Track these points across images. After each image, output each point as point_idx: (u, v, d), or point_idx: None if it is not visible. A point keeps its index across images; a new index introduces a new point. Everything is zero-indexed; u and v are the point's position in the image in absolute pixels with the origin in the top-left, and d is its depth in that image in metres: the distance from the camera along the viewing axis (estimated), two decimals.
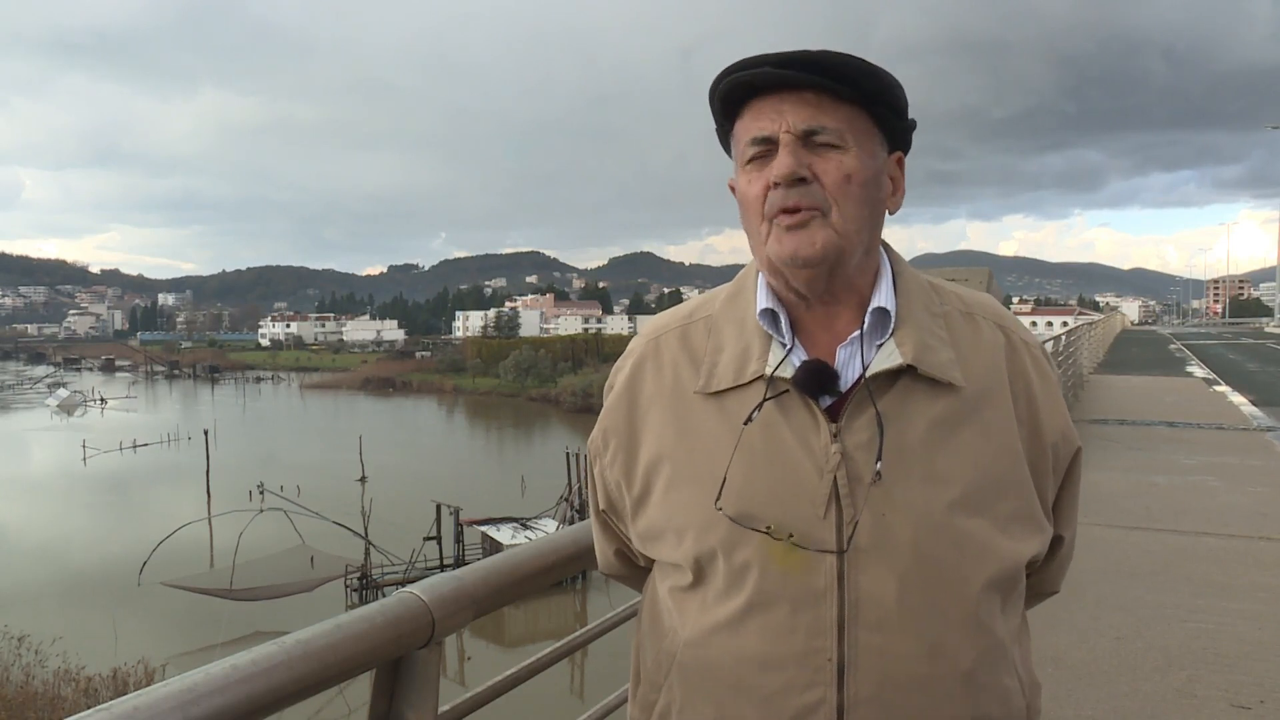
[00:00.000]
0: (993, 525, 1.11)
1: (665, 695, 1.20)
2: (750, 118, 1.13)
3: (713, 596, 1.14)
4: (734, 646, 1.11)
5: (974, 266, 8.44)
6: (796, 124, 1.10)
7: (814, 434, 1.10)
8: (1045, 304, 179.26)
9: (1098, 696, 3.45)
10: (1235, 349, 31.96)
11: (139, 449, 54.26)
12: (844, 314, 1.16)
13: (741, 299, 1.21)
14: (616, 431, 1.23)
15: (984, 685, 1.11)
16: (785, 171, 1.09)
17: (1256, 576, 4.87)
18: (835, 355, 1.14)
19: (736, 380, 1.15)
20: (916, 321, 1.15)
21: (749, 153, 1.13)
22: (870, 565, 1.07)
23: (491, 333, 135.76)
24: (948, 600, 1.09)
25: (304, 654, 1.12)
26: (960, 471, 1.10)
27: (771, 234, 1.12)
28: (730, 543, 1.11)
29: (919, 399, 1.11)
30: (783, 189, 1.10)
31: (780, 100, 1.11)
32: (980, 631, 1.11)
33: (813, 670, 1.08)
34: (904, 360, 1.11)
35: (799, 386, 1.11)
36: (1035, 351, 1.22)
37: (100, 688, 17.22)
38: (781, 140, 1.10)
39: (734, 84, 1.12)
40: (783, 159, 1.09)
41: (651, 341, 1.25)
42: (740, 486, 1.11)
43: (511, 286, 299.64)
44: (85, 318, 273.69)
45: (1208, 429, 10.41)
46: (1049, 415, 1.18)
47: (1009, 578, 1.13)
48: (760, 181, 1.12)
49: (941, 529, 1.08)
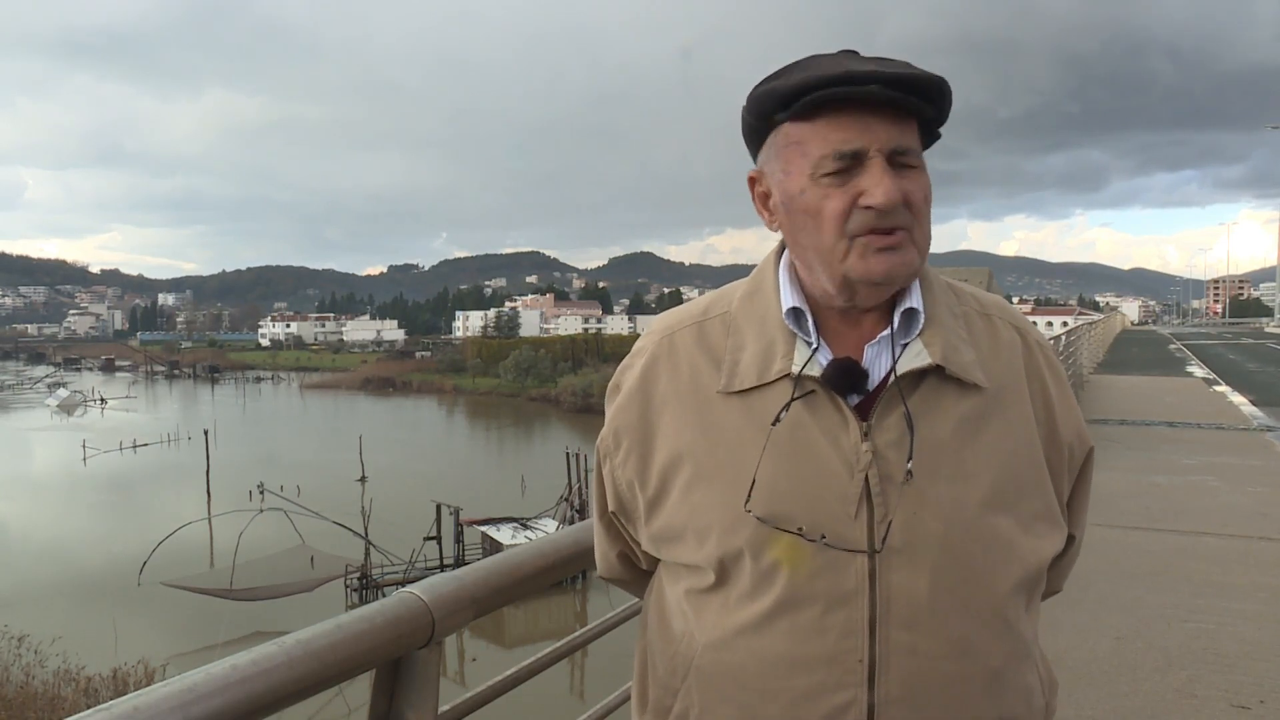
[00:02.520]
0: (1018, 524, 1.11)
1: (683, 700, 1.18)
2: (830, 128, 1.07)
3: (736, 598, 1.12)
4: (759, 648, 1.10)
5: (974, 266, 8.44)
6: (886, 143, 1.06)
7: (844, 433, 1.09)
8: (1045, 304, 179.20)
9: (1098, 696, 3.45)
10: (1235, 349, 31.96)
11: (139, 449, 54.23)
12: (871, 314, 1.15)
13: (761, 297, 1.19)
14: (629, 430, 1.21)
15: (1010, 684, 1.12)
16: (892, 198, 1.05)
17: (1256, 576, 4.86)
18: (862, 354, 1.13)
19: (761, 379, 1.13)
20: (942, 322, 1.15)
21: (828, 165, 1.07)
22: (902, 564, 1.07)
23: (491, 333, 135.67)
24: (978, 599, 1.09)
25: (304, 654, 1.12)
26: (987, 470, 1.10)
27: (853, 251, 1.08)
28: (758, 543, 1.10)
29: (947, 399, 1.11)
30: (877, 212, 1.06)
31: (869, 114, 1.06)
32: (1008, 630, 1.11)
33: (843, 671, 1.07)
34: (932, 360, 1.11)
35: (828, 384, 1.10)
36: (1048, 352, 1.23)
37: (100, 688, 17.21)
38: (873, 159, 1.06)
39: (828, 97, 1.06)
40: (886, 183, 1.05)
41: (665, 339, 1.22)
42: (769, 486, 1.09)
43: (511, 286, 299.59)
44: (85, 318, 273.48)
45: (1208, 429, 10.41)
46: (1064, 415, 1.20)
47: (1033, 577, 1.14)
48: (843, 197, 1.07)
49: (972, 527, 1.08)
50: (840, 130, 1.07)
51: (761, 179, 1.17)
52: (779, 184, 1.13)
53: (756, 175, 1.17)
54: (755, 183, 1.18)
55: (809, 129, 1.09)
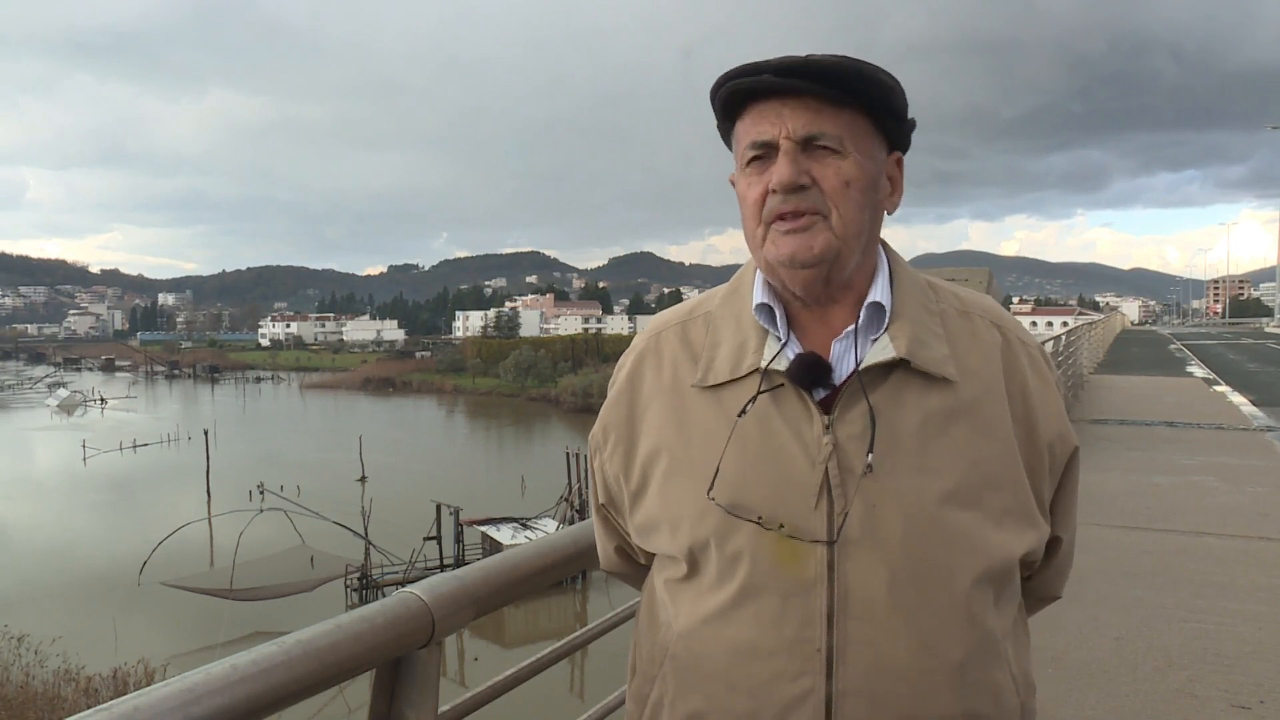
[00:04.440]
0: (985, 519, 1.11)
1: (658, 687, 1.20)
2: (751, 121, 1.14)
3: (705, 587, 1.15)
4: (725, 636, 1.12)
5: (974, 266, 8.45)
6: (796, 130, 1.11)
7: (806, 425, 1.12)
8: (1045, 304, 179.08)
9: (1098, 696, 3.45)
10: (1235, 349, 31.96)
11: (139, 449, 54.24)
12: (840, 310, 1.17)
13: (739, 295, 1.23)
14: (616, 426, 1.25)
15: (975, 680, 1.11)
16: (785, 179, 1.10)
17: (1256, 576, 4.86)
18: (830, 349, 1.15)
19: (733, 374, 1.16)
20: (911, 317, 1.16)
21: (748, 155, 1.15)
22: (860, 556, 1.08)
23: (491, 333, 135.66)
24: (938, 592, 1.09)
25: (304, 654, 1.12)
26: (952, 465, 1.11)
27: (769, 236, 1.14)
28: (723, 532, 1.12)
29: (912, 393, 1.12)
30: (781, 195, 1.11)
31: (781, 105, 1.12)
32: (972, 625, 1.11)
33: (802, 659, 1.08)
34: (897, 354, 1.12)
35: (792, 378, 1.12)
36: (1033, 351, 1.22)
37: (100, 688, 17.22)
38: (781, 147, 1.11)
39: (734, 89, 1.14)
40: (782, 166, 1.11)
41: (653, 338, 1.27)
42: (733, 477, 1.12)
43: (511, 286, 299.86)
44: (85, 318, 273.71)
45: (1208, 429, 10.41)
46: (1045, 415, 1.19)
47: (1001, 572, 1.14)
48: (759, 185, 1.13)
49: (932, 521, 1.09)
50: (757, 123, 1.14)
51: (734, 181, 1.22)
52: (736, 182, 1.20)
53: (732, 177, 1.22)
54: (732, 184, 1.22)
55: (741, 126, 1.16)
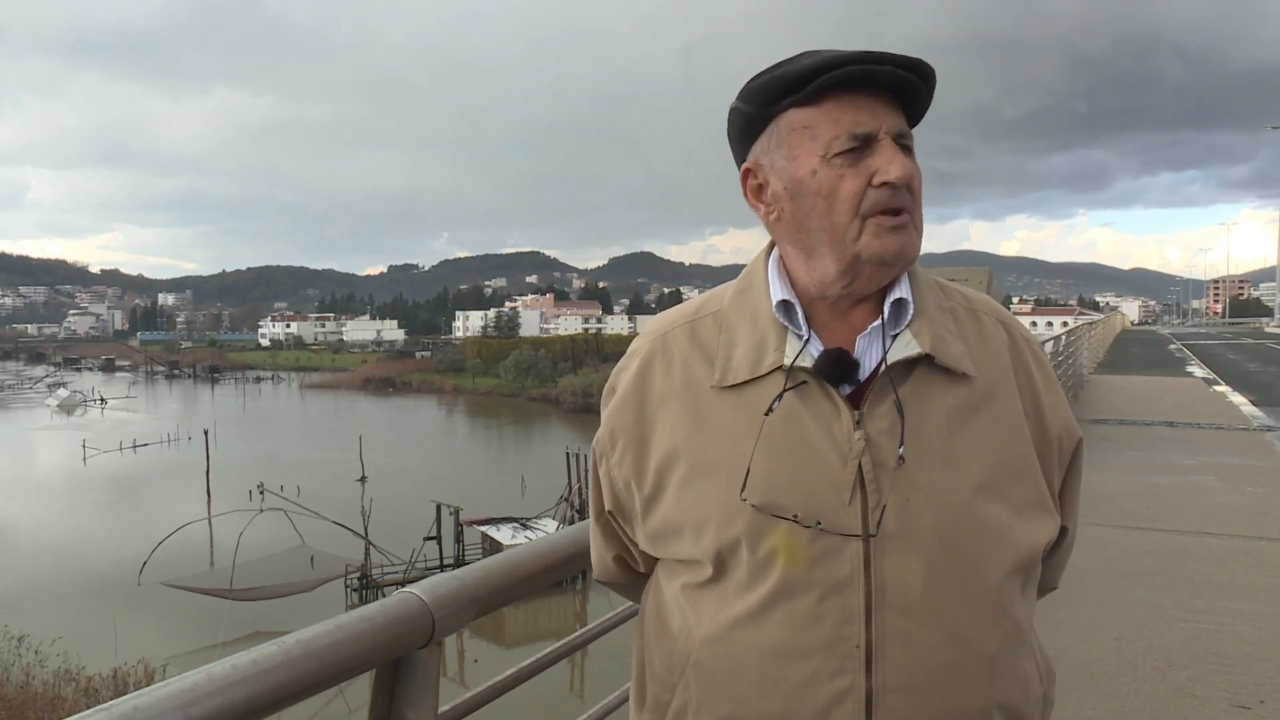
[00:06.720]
0: (1011, 510, 1.13)
1: (680, 695, 1.18)
2: (840, 110, 1.10)
3: (733, 589, 1.13)
4: (756, 639, 1.11)
5: (974, 266, 8.45)
6: (892, 126, 1.10)
7: (836, 421, 1.11)
8: (1045, 304, 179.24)
9: (1098, 696, 3.45)
10: (1235, 349, 31.96)
11: (139, 449, 54.22)
12: (861, 307, 1.17)
13: (752, 293, 1.21)
14: (625, 430, 1.22)
15: (1006, 670, 1.12)
16: (906, 173, 1.09)
17: (1256, 576, 4.87)
18: (854, 345, 1.15)
19: (754, 372, 1.15)
20: (931, 314, 1.16)
21: (841, 145, 1.10)
22: (897, 550, 1.08)
23: (491, 333, 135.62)
24: (973, 584, 1.10)
25: (304, 654, 1.12)
26: (978, 458, 1.12)
27: (866, 231, 1.10)
28: (755, 533, 1.11)
29: (936, 388, 1.13)
30: (891, 189, 1.09)
31: (869, 98, 1.10)
32: (1003, 616, 1.12)
33: (840, 657, 1.08)
34: (922, 349, 1.12)
35: (820, 374, 1.12)
36: (1035, 348, 1.25)
37: (100, 688, 17.22)
38: (884, 140, 1.10)
39: (844, 76, 1.08)
40: (899, 160, 1.09)
41: (659, 339, 1.24)
42: (764, 476, 1.11)
43: (511, 286, 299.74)
44: (85, 318, 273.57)
45: (1208, 429, 10.41)
46: (1052, 408, 1.21)
47: (1028, 563, 1.15)
48: (858, 177, 1.09)
49: (965, 513, 1.10)
50: (852, 112, 1.10)
51: (758, 170, 1.18)
52: (783, 171, 1.14)
53: (753, 166, 1.18)
54: (750, 174, 1.19)
55: (817, 113, 1.11)
